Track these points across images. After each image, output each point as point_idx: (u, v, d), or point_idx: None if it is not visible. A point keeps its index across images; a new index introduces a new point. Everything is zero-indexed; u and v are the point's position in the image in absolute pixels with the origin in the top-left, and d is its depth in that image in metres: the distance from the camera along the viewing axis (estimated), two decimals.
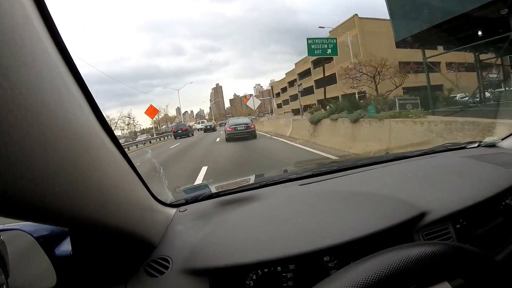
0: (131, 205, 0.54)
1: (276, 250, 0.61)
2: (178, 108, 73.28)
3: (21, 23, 0.28)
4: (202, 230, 0.70)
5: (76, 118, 0.36)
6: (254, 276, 0.60)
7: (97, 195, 0.40)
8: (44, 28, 0.34)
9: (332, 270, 0.62)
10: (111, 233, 0.51)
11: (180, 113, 74.16)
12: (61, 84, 0.34)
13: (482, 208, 0.76)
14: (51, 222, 0.38)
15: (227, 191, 0.93)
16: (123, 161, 0.52)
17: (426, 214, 0.71)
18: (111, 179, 0.45)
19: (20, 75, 0.26)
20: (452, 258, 0.42)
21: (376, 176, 0.99)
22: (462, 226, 0.72)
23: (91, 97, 0.43)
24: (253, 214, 0.77)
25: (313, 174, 1.03)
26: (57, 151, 0.30)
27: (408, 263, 0.40)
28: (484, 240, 0.74)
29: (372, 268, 0.39)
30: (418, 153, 1.22)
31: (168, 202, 0.85)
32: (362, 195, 0.81)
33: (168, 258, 0.63)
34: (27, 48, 0.28)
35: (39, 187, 0.28)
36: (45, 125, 0.29)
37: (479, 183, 0.86)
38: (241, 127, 11.73)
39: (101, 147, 0.43)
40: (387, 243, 0.58)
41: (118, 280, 0.60)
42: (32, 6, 0.32)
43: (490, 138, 1.31)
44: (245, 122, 12.29)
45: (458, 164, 1.04)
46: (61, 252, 0.65)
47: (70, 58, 0.38)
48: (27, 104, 0.26)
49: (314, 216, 0.72)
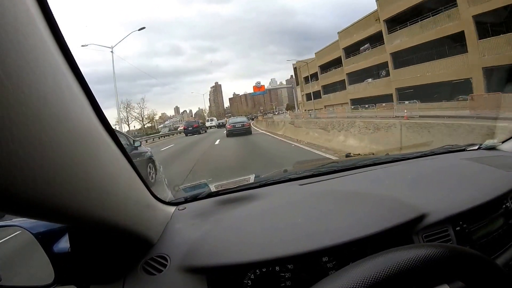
0: (130, 203, 0.54)
1: (275, 250, 0.61)
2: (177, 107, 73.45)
3: (24, 22, 0.28)
4: (201, 229, 0.70)
5: (77, 116, 0.36)
6: (252, 275, 0.60)
7: (97, 192, 0.40)
8: (46, 27, 0.34)
9: (330, 270, 0.62)
10: (110, 231, 0.51)
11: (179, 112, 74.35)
12: (63, 82, 0.35)
13: (482, 211, 0.76)
14: (50, 219, 0.38)
15: (227, 190, 0.93)
16: (123, 159, 0.52)
17: (426, 216, 0.71)
18: (110, 176, 0.45)
19: (22, 73, 0.26)
20: (452, 261, 0.42)
21: (376, 177, 0.99)
22: (462, 228, 0.72)
23: (92, 96, 0.43)
24: (252, 214, 0.77)
25: (313, 174, 1.03)
26: (57, 148, 0.31)
27: (407, 265, 0.39)
28: (484, 243, 0.74)
29: (370, 270, 0.39)
30: (418, 155, 1.22)
31: (167, 200, 0.85)
32: (361, 196, 0.81)
33: (166, 256, 0.63)
34: (30, 47, 0.28)
35: (39, 184, 0.28)
36: (46, 123, 0.29)
37: (479, 185, 0.86)
38: (238, 125, 14.91)
39: (102, 145, 0.43)
40: (387, 244, 0.58)
41: (116, 277, 0.60)
42: (35, 6, 0.32)
43: (490, 141, 1.30)
44: (242, 121, 15.63)
45: (458, 166, 1.04)
46: (59, 249, 0.65)
47: (71, 57, 0.38)
48: (28, 102, 0.27)
49: (313, 216, 0.72)
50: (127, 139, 4.89)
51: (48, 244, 0.65)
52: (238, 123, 15.24)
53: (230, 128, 14.80)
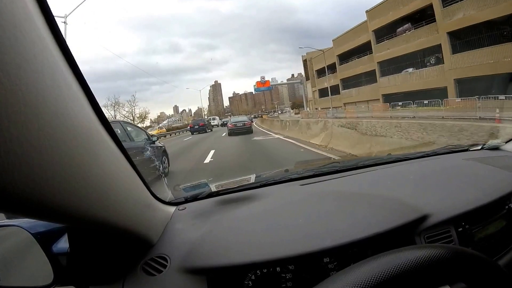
0: (130, 203, 0.53)
1: (276, 251, 0.60)
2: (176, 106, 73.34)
3: (22, 20, 0.28)
4: (201, 229, 0.70)
5: (76, 115, 0.36)
6: (252, 276, 0.60)
7: (96, 192, 0.40)
8: (45, 25, 0.34)
9: (332, 271, 0.62)
10: (109, 231, 0.51)
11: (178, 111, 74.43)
12: (61, 81, 0.34)
13: (484, 212, 0.76)
14: (49, 218, 0.38)
15: (227, 190, 0.92)
16: (123, 158, 0.52)
17: (428, 216, 0.70)
18: (110, 176, 0.45)
19: (21, 71, 0.26)
20: (454, 262, 0.42)
21: (378, 177, 0.98)
22: (464, 229, 0.72)
23: (91, 94, 0.43)
24: (253, 214, 0.76)
25: (315, 174, 1.02)
26: (56, 147, 0.30)
27: (409, 266, 0.39)
28: (487, 244, 0.73)
29: (372, 271, 0.38)
30: (420, 155, 1.21)
31: (167, 200, 0.85)
32: (363, 196, 0.81)
33: (166, 256, 0.63)
34: (28, 45, 0.28)
35: (38, 184, 0.28)
36: (44, 121, 0.29)
37: (482, 186, 0.85)
38: (240, 124, 15.47)
39: (101, 144, 0.43)
40: (388, 245, 0.57)
41: (115, 278, 0.60)
42: (33, 3, 0.32)
43: (493, 141, 1.29)
44: (243, 120, 16.25)
45: (461, 167, 1.03)
46: (58, 249, 0.65)
47: (70, 55, 0.38)
48: (27, 100, 0.27)
49: (314, 216, 0.72)
50: (146, 134, 5.45)
51: (47, 244, 0.65)
52: (240, 122, 15.85)
53: (232, 127, 15.37)
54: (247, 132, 14.78)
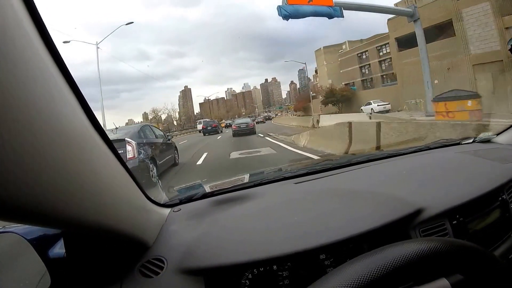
0: (125, 206, 0.53)
1: (272, 249, 0.61)
2: (145, 113, 72.05)
3: (12, 25, 0.28)
4: (196, 230, 0.70)
5: (68, 120, 0.36)
6: (249, 275, 0.60)
7: (91, 196, 0.40)
8: (35, 30, 0.34)
9: (328, 268, 0.62)
10: (105, 234, 0.51)
11: (148, 118, 73.50)
12: (53, 86, 0.34)
13: (478, 204, 0.77)
14: (44, 224, 0.38)
15: (221, 191, 0.92)
16: (116, 162, 0.52)
17: (422, 210, 0.71)
18: (104, 180, 0.45)
19: (11, 76, 0.26)
20: (450, 254, 0.42)
21: (371, 173, 0.99)
22: (459, 222, 0.73)
23: (83, 99, 0.43)
24: (248, 213, 0.77)
25: (308, 172, 1.03)
26: (49, 152, 0.30)
27: (404, 260, 0.39)
28: (481, 236, 0.74)
29: (369, 266, 0.39)
30: (413, 150, 1.22)
31: (162, 202, 0.85)
32: (357, 192, 0.81)
33: (163, 258, 0.63)
34: (18, 50, 0.28)
35: (31, 189, 0.28)
36: (37, 127, 0.29)
37: (475, 179, 0.87)
38: (243, 125, 16.26)
39: (94, 148, 0.43)
40: (384, 240, 0.58)
41: (112, 281, 0.60)
42: (23, 9, 0.32)
43: (485, 134, 1.31)
44: (246, 122, 17.09)
45: (453, 160, 1.04)
46: (54, 254, 0.65)
47: (61, 60, 0.38)
48: (19, 105, 0.27)
49: (309, 214, 0.72)
50: (164, 134, 6.68)
51: (43, 249, 0.65)
52: (243, 123, 16.66)
53: (236, 128, 16.09)
54: (250, 133, 15.38)
